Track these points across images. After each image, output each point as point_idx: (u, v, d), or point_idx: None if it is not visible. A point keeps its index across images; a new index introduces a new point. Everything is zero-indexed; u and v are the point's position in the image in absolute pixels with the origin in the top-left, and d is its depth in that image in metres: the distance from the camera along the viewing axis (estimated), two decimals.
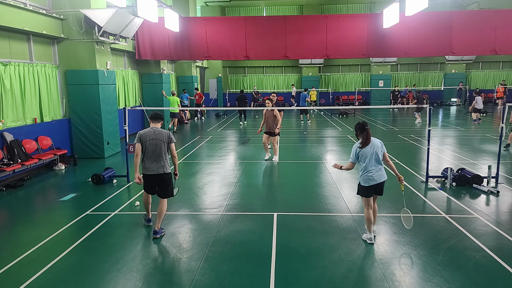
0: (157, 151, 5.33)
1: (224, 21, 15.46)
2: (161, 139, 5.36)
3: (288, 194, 7.59)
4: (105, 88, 11.21)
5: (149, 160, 5.36)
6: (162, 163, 5.36)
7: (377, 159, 5.03)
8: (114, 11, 10.29)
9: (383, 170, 5.08)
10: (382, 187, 5.11)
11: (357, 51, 14.56)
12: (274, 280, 4.26)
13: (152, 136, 5.36)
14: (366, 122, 5.14)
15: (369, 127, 5.08)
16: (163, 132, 5.42)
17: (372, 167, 5.00)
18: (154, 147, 5.33)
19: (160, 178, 5.39)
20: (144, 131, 5.43)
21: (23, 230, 5.87)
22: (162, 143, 5.36)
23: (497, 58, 28.84)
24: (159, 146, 5.34)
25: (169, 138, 5.43)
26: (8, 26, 8.57)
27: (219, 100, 26.22)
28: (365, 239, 5.20)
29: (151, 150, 5.34)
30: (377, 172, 5.01)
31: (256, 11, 29.35)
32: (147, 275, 4.40)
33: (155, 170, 5.33)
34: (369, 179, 5.01)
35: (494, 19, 13.97)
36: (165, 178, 5.43)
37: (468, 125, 17.27)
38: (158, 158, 5.35)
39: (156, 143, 5.34)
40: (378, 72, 28.85)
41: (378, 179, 5.01)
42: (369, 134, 5.03)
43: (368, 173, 5.01)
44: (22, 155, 8.70)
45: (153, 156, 5.35)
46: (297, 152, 11.64)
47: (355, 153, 5.13)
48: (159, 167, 5.34)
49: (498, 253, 4.79)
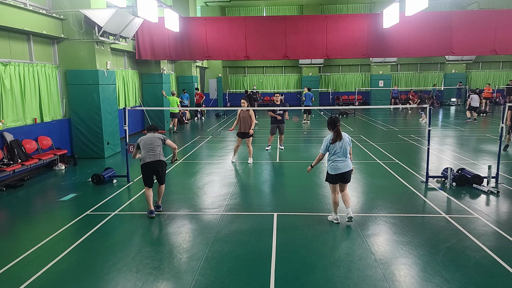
0: (153, 145, 6.26)
1: (224, 21, 15.45)
2: (156, 137, 6.38)
3: (288, 194, 7.59)
4: (105, 88, 11.21)
5: (146, 153, 6.23)
6: (158, 153, 6.28)
7: (345, 152, 5.69)
8: (114, 11, 10.29)
9: (349, 161, 5.74)
10: (347, 176, 5.73)
11: (357, 51, 14.56)
12: (274, 280, 4.26)
13: (149, 139, 6.36)
14: (337, 119, 5.74)
15: (339, 124, 5.70)
16: (159, 135, 6.45)
17: (339, 158, 5.66)
18: (150, 142, 6.29)
19: (156, 164, 6.24)
20: (143, 137, 6.39)
21: (23, 230, 5.87)
22: (158, 140, 6.35)
23: (497, 58, 28.84)
24: (154, 142, 6.30)
25: (163, 138, 6.42)
26: (8, 26, 8.57)
27: (219, 100, 26.23)
28: (331, 219, 5.86)
29: (148, 145, 6.26)
30: (343, 163, 5.67)
31: (256, 11, 29.34)
32: (147, 275, 4.40)
33: (152, 158, 6.19)
34: (336, 168, 5.66)
35: (494, 19, 13.97)
36: (161, 165, 6.32)
37: (468, 125, 17.26)
38: (154, 150, 6.25)
39: (152, 141, 6.30)
40: (378, 72, 28.85)
41: (344, 168, 5.65)
42: (339, 132, 5.66)
43: (335, 163, 5.67)
44: (22, 155, 8.70)
45: (150, 149, 6.23)
46: (297, 152, 11.64)
47: (326, 146, 5.73)
48: (155, 155, 6.24)
49: (498, 253, 4.79)
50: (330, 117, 5.82)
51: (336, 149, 5.66)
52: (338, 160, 5.66)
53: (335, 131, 5.69)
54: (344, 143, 5.68)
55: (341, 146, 5.65)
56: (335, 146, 5.66)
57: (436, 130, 15.80)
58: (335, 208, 5.85)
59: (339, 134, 5.68)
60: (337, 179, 5.74)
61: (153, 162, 6.21)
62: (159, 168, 6.31)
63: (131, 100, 15.45)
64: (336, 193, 5.83)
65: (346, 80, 30.54)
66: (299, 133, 16.06)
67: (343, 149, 5.67)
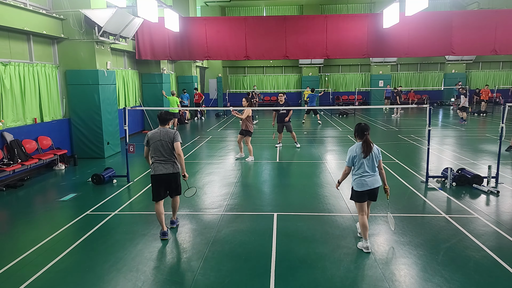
0: (164, 152, 5.32)
1: (224, 21, 15.45)
2: (166, 140, 5.32)
3: (288, 194, 7.59)
4: (105, 88, 11.20)
5: (157, 161, 5.35)
6: (171, 164, 5.36)
7: (373, 165, 4.87)
8: (114, 11, 10.29)
9: (378, 176, 4.92)
10: (376, 192, 4.93)
11: (357, 51, 14.56)
12: (274, 280, 4.26)
13: (158, 137, 5.35)
14: (367, 126, 4.90)
15: (368, 133, 4.87)
16: (169, 132, 5.38)
17: (366, 173, 4.83)
18: (160, 148, 5.31)
19: (168, 177, 5.38)
20: (151, 132, 5.42)
21: (23, 230, 5.87)
22: (168, 143, 5.33)
23: (497, 58, 28.85)
24: (165, 147, 5.32)
25: (173, 138, 5.35)
26: (8, 26, 8.57)
27: (219, 100, 26.23)
28: (361, 247, 4.92)
29: (158, 151, 5.33)
30: (372, 177, 4.84)
31: (256, 11, 29.34)
32: (147, 275, 4.40)
33: (163, 170, 5.32)
34: (362, 184, 4.83)
35: (494, 19, 13.97)
36: (174, 178, 5.44)
37: (468, 124, 17.27)
38: (166, 159, 5.34)
39: (162, 144, 5.31)
40: (378, 72, 28.85)
41: (372, 184, 4.84)
42: (368, 142, 4.82)
43: (361, 178, 4.84)
44: (22, 155, 8.70)
45: (161, 157, 5.33)
46: (297, 152, 11.63)
47: (351, 158, 4.92)
48: (167, 167, 5.34)
49: (498, 253, 4.79)
50: (358, 124, 4.97)
51: (362, 161, 4.84)
52: (365, 175, 4.83)
53: (364, 141, 4.82)
54: (373, 155, 4.85)
55: (368, 158, 4.84)
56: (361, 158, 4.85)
57: (436, 130, 15.79)
58: (364, 233, 4.90)
59: (369, 145, 4.81)
60: (364, 197, 4.90)
61: (166, 175, 5.37)
62: (172, 180, 5.45)
63: (131, 100, 15.46)
64: (364, 214, 4.95)
65: (346, 80, 30.55)
66: (299, 133, 16.05)
67: (371, 163, 4.85)
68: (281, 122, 11.77)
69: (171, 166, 5.36)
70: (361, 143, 4.85)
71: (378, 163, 4.93)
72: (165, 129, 5.43)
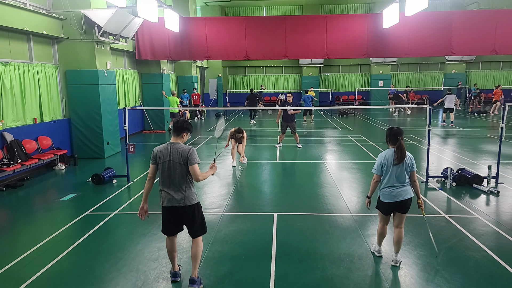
0: (175, 176, 3.94)
1: (224, 21, 15.45)
2: (177, 160, 3.91)
3: (288, 194, 7.58)
4: (105, 88, 11.20)
5: (165, 188, 4.00)
6: (183, 193, 3.96)
7: (404, 175, 4.38)
8: (114, 11, 10.29)
9: (408, 187, 4.44)
10: (406, 204, 4.43)
11: (357, 51, 14.56)
12: (274, 280, 4.26)
13: (167, 156, 3.95)
14: (400, 131, 4.41)
15: (402, 137, 4.37)
16: (182, 149, 3.93)
17: (396, 183, 4.38)
18: (170, 171, 3.94)
19: (181, 212, 4.01)
20: (159, 148, 4.04)
21: (23, 230, 5.87)
22: (180, 165, 3.92)
23: (497, 58, 28.86)
24: (176, 170, 3.93)
25: (187, 158, 3.90)
26: (8, 26, 8.57)
27: (219, 100, 26.23)
28: (374, 251, 4.86)
29: (167, 174, 3.96)
30: (402, 188, 4.38)
31: (256, 11, 29.34)
32: (147, 275, 4.40)
33: (173, 202, 3.97)
34: (390, 195, 4.41)
35: (494, 19, 13.97)
36: (189, 212, 4.02)
37: (468, 124, 17.26)
38: (177, 186, 3.96)
39: (173, 166, 3.93)
40: (378, 72, 28.85)
41: (401, 196, 4.37)
42: (403, 149, 4.31)
43: (390, 189, 4.41)
44: (22, 155, 8.70)
45: (171, 183, 3.97)
46: (297, 152, 11.63)
47: (379, 166, 4.45)
48: (179, 198, 3.96)
49: (498, 253, 4.79)
50: (390, 128, 4.47)
51: (392, 170, 4.36)
52: (395, 186, 4.38)
53: (398, 147, 4.31)
54: (405, 164, 4.36)
55: (399, 166, 4.35)
56: (391, 166, 4.37)
57: (436, 130, 15.79)
58: (379, 240, 4.77)
59: (403, 152, 4.30)
60: (390, 209, 4.50)
61: (177, 209, 4.00)
62: (184, 217, 4.05)
63: (131, 100, 15.46)
64: (384, 224, 4.67)
65: (346, 80, 30.56)
66: (299, 133, 16.04)
67: (402, 172, 4.37)
68: (286, 122, 11.81)
69: (183, 197, 3.96)
70: (393, 149, 4.37)
71: (411, 174, 4.44)
72: (177, 144, 3.98)
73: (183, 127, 4.04)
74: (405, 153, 4.33)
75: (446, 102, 16.74)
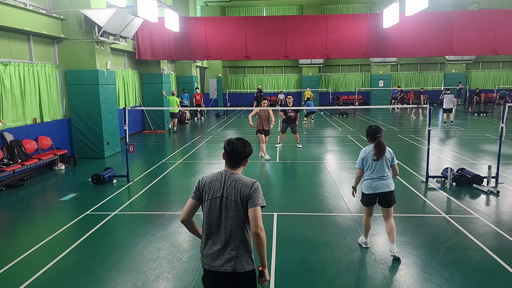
0: (227, 222, 2.63)
1: (224, 21, 15.45)
2: (234, 198, 2.63)
3: (288, 194, 7.58)
4: (105, 88, 11.20)
5: (208, 239, 2.69)
6: (232, 250, 2.62)
7: (384, 169, 4.67)
8: (114, 11, 10.29)
9: (390, 179, 4.70)
10: (387, 197, 4.69)
11: (357, 51, 14.56)
12: (274, 280, 4.25)
13: (219, 190, 2.67)
14: (378, 128, 4.68)
15: (381, 135, 4.65)
16: (243, 183, 2.67)
17: (376, 175, 4.66)
18: (221, 213, 2.64)
19: (229, 279, 2.63)
20: (209, 177, 2.75)
21: (23, 230, 5.87)
22: (236, 205, 2.62)
23: (497, 58, 28.85)
24: (230, 213, 2.63)
25: (248, 196, 2.63)
26: (8, 26, 8.57)
27: (219, 100, 26.24)
28: (361, 242, 5.09)
29: (213, 218, 2.66)
30: (383, 181, 4.65)
31: (256, 11, 29.35)
32: (147, 275, 4.40)
33: (215, 264, 2.63)
34: (370, 187, 4.70)
35: (494, 19, 13.97)
36: (239, 281, 2.64)
37: (468, 124, 17.26)
38: (225, 238, 2.63)
39: (225, 205, 2.64)
40: (378, 72, 28.85)
41: (382, 188, 4.65)
42: (382, 145, 4.60)
43: (370, 181, 4.70)
44: (22, 155, 8.70)
45: (216, 232, 2.66)
46: (297, 152, 11.64)
47: (361, 160, 4.76)
48: (226, 258, 2.61)
49: (498, 253, 4.79)
50: (369, 127, 4.76)
51: (373, 164, 4.67)
52: (375, 179, 4.67)
53: (377, 144, 4.62)
54: (385, 158, 4.65)
55: (378, 161, 4.66)
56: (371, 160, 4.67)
57: (436, 130, 15.80)
58: (365, 232, 5.04)
59: (382, 148, 4.60)
60: (373, 200, 4.77)
61: (223, 274, 2.62)
62: (236, 283, 2.64)
63: (131, 100, 15.46)
64: (368, 215, 4.93)
65: (346, 80, 30.55)
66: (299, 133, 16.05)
67: (382, 166, 4.66)
68: (286, 123, 11.87)
69: (231, 257, 2.62)
70: (373, 145, 4.66)
71: (392, 168, 4.74)
72: (235, 175, 2.71)
73: (245, 153, 2.74)
74: (384, 149, 4.63)
75: (444, 102, 16.80)
